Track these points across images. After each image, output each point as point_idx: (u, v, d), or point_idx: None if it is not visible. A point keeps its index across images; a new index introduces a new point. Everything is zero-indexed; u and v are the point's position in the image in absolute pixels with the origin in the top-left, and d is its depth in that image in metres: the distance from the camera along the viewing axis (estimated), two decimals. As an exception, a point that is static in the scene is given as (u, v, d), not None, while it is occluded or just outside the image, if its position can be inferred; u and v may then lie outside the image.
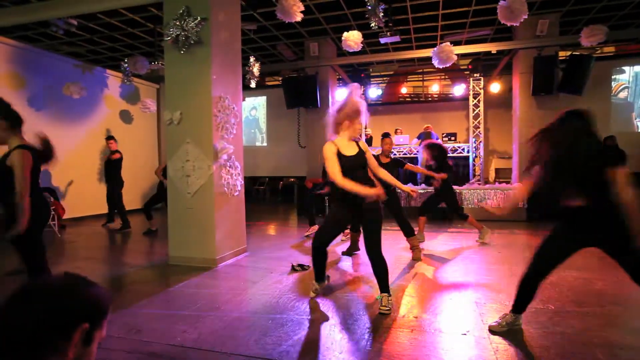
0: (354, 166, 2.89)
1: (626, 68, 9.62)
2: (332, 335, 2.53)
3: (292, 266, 4.13)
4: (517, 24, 5.21)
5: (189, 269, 4.24)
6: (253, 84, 7.15)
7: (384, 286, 2.96)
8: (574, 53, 7.78)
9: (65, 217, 7.19)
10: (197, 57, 4.37)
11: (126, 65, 7.83)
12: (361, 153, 2.96)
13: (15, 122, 2.57)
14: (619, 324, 2.66)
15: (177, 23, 4.28)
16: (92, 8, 5.43)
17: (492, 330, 2.53)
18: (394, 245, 5.28)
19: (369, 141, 10.57)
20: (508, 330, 2.52)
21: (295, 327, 2.65)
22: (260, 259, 4.68)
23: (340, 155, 2.88)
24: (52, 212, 6.11)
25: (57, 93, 7.96)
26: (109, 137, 7.16)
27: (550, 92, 7.56)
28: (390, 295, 2.96)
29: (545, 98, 7.73)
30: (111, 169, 7.05)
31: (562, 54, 8.24)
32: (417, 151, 8.75)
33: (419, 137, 9.07)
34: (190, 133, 4.43)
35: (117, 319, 2.78)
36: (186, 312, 2.98)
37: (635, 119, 9.33)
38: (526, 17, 5.12)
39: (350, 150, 2.94)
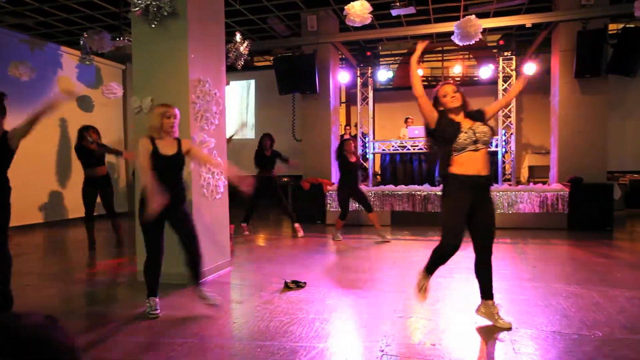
0: (167, 168, 3.37)
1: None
2: (334, 367, 2.53)
3: (286, 283, 4.13)
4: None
5: (162, 286, 4.23)
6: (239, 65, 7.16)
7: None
8: (627, 26, 7.78)
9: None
10: (172, 31, 4.37)
11: (85, 41, 7.82)
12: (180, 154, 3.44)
13: None
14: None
15: (147, -10, 4.27)
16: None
17: None
18: (405, 257, 5.29)
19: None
20: (545, 361, 2.52)
21: (289, 356, 2.65)
22: (247, 274, 4.69)
23: (155, 154, 3.32)
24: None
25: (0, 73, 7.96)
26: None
27: (597, 73, 7.57)
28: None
29: (591, 81, 7.74)
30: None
31: (613, 28, 8.25)
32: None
33: None
34: (162, 123, 4.43)
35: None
36: (158, 339, 2.98)
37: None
38: None
39: (169, 149, 3.40)
